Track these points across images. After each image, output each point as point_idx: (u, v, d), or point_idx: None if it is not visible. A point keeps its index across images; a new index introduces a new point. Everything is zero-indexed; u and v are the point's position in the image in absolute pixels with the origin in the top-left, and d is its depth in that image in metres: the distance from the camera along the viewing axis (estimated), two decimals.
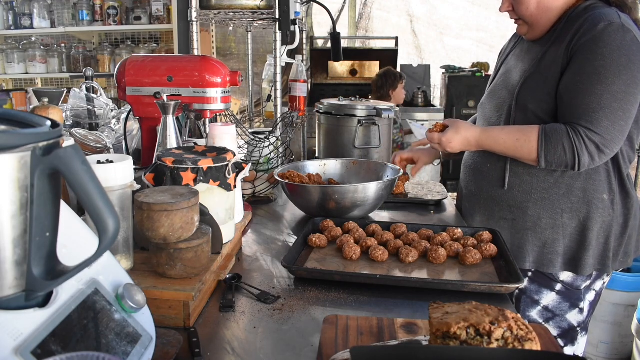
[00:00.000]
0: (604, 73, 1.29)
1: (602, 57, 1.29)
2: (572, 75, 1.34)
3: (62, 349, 0.59)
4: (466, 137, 1.47)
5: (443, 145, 1.49)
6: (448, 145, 1.48)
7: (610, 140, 1.31)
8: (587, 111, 1.31)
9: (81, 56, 4.50)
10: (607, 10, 1.33)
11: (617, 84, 1.28)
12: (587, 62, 1.31)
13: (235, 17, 2.28)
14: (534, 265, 1.49)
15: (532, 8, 1.41)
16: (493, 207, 1.54)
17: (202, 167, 1.01)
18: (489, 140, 1.44)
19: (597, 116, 1.30)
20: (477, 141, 1.46)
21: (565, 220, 1.44)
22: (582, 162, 1.32)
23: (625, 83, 1.28)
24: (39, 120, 0.59)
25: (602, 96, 1.29)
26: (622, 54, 1.28)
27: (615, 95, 1.29)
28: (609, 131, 1.30)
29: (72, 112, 1.89)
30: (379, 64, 4.81)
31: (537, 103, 1.41)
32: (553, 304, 1.50)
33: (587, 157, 1.32)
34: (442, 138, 1.48)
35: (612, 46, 1.28)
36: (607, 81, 1.29)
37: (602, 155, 1.32)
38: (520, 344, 0.66)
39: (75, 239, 0.70)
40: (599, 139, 1.30)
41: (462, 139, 1.47)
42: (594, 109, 1.30)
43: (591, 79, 1.30)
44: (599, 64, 1.29)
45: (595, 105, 1.30)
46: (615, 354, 2.73)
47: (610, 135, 1.30)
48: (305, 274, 1.11)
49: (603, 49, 1.29)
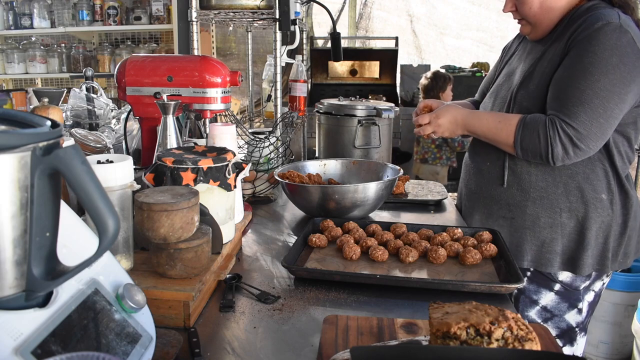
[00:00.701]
0: (590, 69, 1.29)
1: (593, 54, 1.29)
2: (562, 70, 1.35)
3: (62, 349, 0.59)
4: (453, 115, 1.51)
5: (432, 122, 1.53)
6: (436, 122, 1.52)
7: (586, 136, 1.31)
8: (567, 104, 1.32)
9: (81, 56, 4.50)
10: (608, 11, 1.33)
11: (602, 82, 1.28)
12: (577, 58, 1.32)
13: (235, 17, 2.28)
14: (532, 265, 1.49)
15: (535, 8, 1.42)
16: (492, 206, 1.54)
17: (202, 167, 1.01)
18: (473, 119, 1.48)
19: (575, 110, 1.30)
20: (463, 119, 1.49)
21: (564, 220, 1.44)
22: (555, 153, 1.33)
23: (611, 82, 1.28)
24: (39, 120, 0.59)
25: (584, 91, 1.29)
26: (613, 54, 1.28)
27: (597, 93, 1.29)
28: (585, 126, 1.30)
29: (72, 112, 1.89)
30: (379, 64, 4.81)
31: (532, 100, 1.41)
32: (552, 304, 1.50)
33: (560, 149, 1.32)
34: (432, 115, 1.53)
35: (606, 45, 1.28)
36: (592, 78, 1.29)
37: (577, 150, 1.32)
38: (520, 344, 0.66)
39: (75, 239, 0.70)
40: (574, 132, 1.30)
41: (449, 116, 1.51)
42: (574, 103, 1.31)
43: (577, 74, 1.31)
44: (588, 60, 1.30)
45: (576, 99, 1.30)
46: (615, 354, 2.73)
47: (587, 131, 1.30)
48: (305, 274, 1.11)
49: (595, 47, 1.29)
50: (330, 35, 2.21)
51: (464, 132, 1.51)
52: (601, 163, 1.40)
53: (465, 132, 1.51)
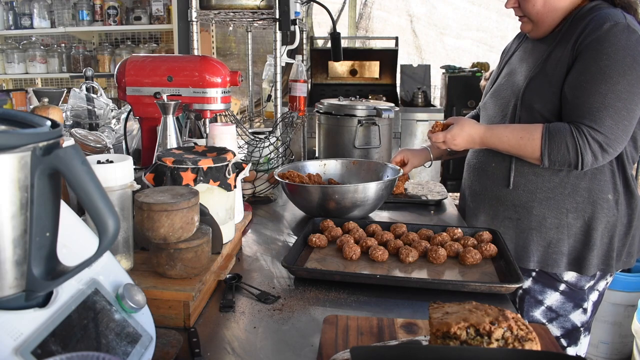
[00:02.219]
0: (608, 72, 1.29)
1: (607, 56, 1.29)
2: (577, 75, 1.34)
3: (62, 349, 0.59)
4: (470, 134, 1.47)
5: (447, 143, 1.49)
6: (452, 142, 1.48)
7: (614, 140, 1.31)
8: (590, 110, 1.31)
9: (81, 56, 4.50)
10: (613, 11, 1.33)
11: (622, 84, 1.28)
12: (592, 62, 1.31)
13: (235, 17, 2.28)
14: (538, 265, 1.49)
15: (539, 6, 1.41)
16: (497, 207, 1.53)
17: (202, 167, 1.01)
18: (492, 137, 1.44)
19: (600, 115, 1.30)
20: (481, 138, 1.46)
21: (570, 220, 1.43)
22: (586, 161, 1.32)
23: (630, 83, 1.28)
24: (39, 120, 0.59)
25: (606, 95, 1.29)
26: (627, 54, 1.28)
27: (619, 95, 1.29)
28: (612, 130, 1.30)
29: (72, 112, 1.89)
30: (379, 64, 4.81)
31: (542, 103, 1.40)
32: (557, 304, 1.50)
33: (591, 156, 1.32)
34: (447, 135, 1.48)
35: (617, 46, 1.28)
36: (612, 80, 1.29)
37: (606, 154, 1.32)
38: (520, 344, 0.66)
39: (75, 239, 0.70)
40: (603, 138, 1.30)
41: (466, 136, 1.47)
42: (597, 108, 1.30)
43: (595, 78, 1.30)
44: (604, 63, 1.29)
45: (599, 104, 1.30)
46: (616, 354, 2.73)
47: (614, 135, 1.30)
48: (305, 274, 1.11)
49: (608, 49, 1.29)
50: (330, 35, 2.21)
51: (483, 147, 1.49)
52: (609, 163, 1.40)
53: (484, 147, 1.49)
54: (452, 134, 1.48)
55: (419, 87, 4.96)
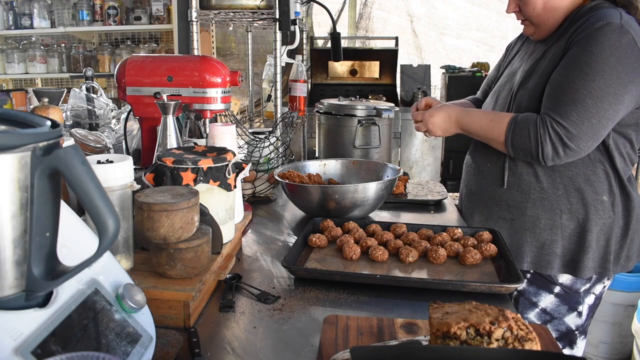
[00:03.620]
0: (585, 69, 1.28)
1: (590, 53, 1.28)
2: (558, 69, 1.35)
3: (62, 349, 0.59)
4: (447, 113, 1.51)
5: (425, 120, 1.54)
6: (429, 120, 1.53)
7: (577, 136, 1.29)
8: (559, 103, 1.31)
9: (81, 56, 4.50)
10: (611, 11, 1.32)
11: (597, 82, 1.27)
12: (573, 58, 1.32)
13: (235, 17, 2.28)
14: (531, 266, 1.48)
15: (539, 8, 1.41)
16: (492, 207, 1.53)
17: (202, 167, 1.01)
18: (466, 117, 1.48)
19: (567, 109, 1.29)
20: (457, 118, 1.49)
21: (564, 222, 1.43)
22: (545, 152, 1.32)
23: (606, 82, 1.27)
24: (39, 120, 0.59)
25: (578, 91, 1.29)
26: (612, 54, 1.27)
27: (591, 92, 1.28)
28: (576, 125, 1.29)
29: (72, 112, 1.89)
30: (379, 64, 4.81)
31: (531, 100, 1.41)
32: (551, 307, 1.49)
33: (550, 148, 1.31)
34: (425, 113, 1.54)
35: (604, 45, 1.27)
36: (587, 77, 1.28)
37: (567, 149, 1.31)
38: (520, 344, 0.66)
39: (75, 239, 0.70)
40: (564, 132, 1.30)
41: (444, 114, 1.51)
42: (566, 102, 1.30)
43: (572, 73, 1.30)
44: (584, 60, 1.29)
45: (569, 98, 1.30)
46: (616, 354, 2.73)
47: (577, 130, 1.29)
48: (305, 274, 1.11)
49: (594, 47, 1.28)
50: (330, 35, 2.21)
51: (458, 130, 1.51)
52: (602, 164, 1.39)
53: (459, 131, 1.51)
54: (431, 111, 1.54)
55: (419, 87, 4.96)
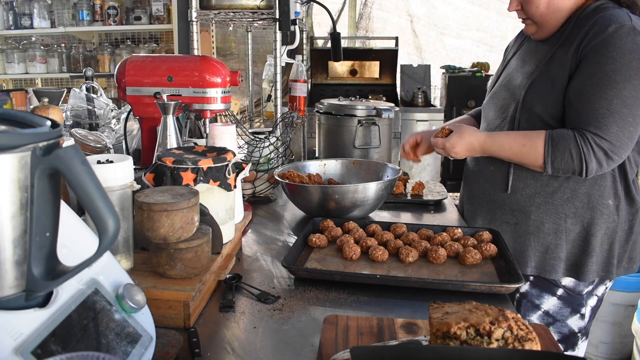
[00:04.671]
0: (614, 77, 1.26)
1: (613, 60, 1.26)
2: (582, 79, 1.31)
3: (62, 349, 0.59)
4: (470, 142, 1.43)
5: (447, 150, 1.46)
6: (452, 150, 1.45)
7: (619, 147, 1.28)
8: (596, 117, 1.28)
9: (81, 56, 4.50)
10: (618, 12, 1.30)
11: (628, 89, 1.25)
12: (597, 66, 1.28)
13: (235, 17, 2.28)
14: (535, 271, 1.47)
15: (542, 8, 1.38)
16: (495, 211, 1.52)
17: (202, 167, 1.01)
18: (494, 145, 1.41)
19: (606, 122, 1.27)
20: (481, 146, 1.43)
21: (569, 226, 1.41)
22: (590, 168, 1.30)
23: (635, 88, 1.26)
24: (39, 120, 0.59)
25: (612, 101, 1.26)
26: (633, 58, 1.25)
27: (625, 101, 1.26)
28: (617, 137, 1.27)
29: (72, 112, 1.89)
30: (379, 64, 4.81)
31: (543, 106, 1.38)
32: (554, 309, 1.48)
33: (595, 164, 1.29)
34: (446, 143, 1.45)
35: (623, 49, 1.25)
36: (618, 86, 1.26)
37: (611, 161, 1.30)
38: (520, 344, 0.66)
39: (75, 239, 0.70)
40: (608, 145, 1.27)
41: (466, 144, 1.44)
42: (603, 115, 1.27)
43: (601, 83, 1.27)
44: (609, 67, 1.26)
45: (605, 110, 1.27)
46: (616, 354, 2.73)
47: (620, 142, 1.27)
48: (305, 274, 1.11)
49: (613, 52, 1.26)
50: (330, 35, 2.21)
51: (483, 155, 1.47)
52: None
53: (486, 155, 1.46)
54: (452, 142, 1.44)
55: (419, 87, 4.96)
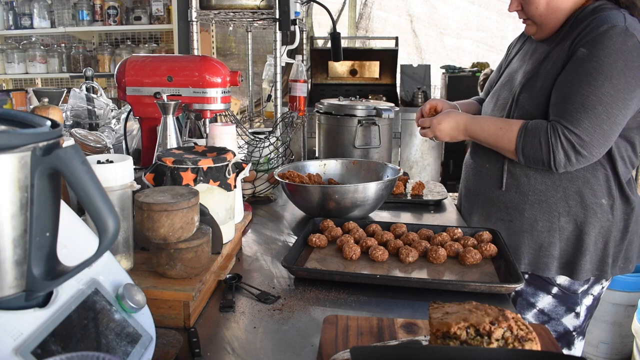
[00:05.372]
0: (594, 75, 1.27)
1: (597, 58, 1.27)
2: (565, 74, 1.33)
3: (62, 349, 0.59)
4: (455, 120, 1.50)
5: (433, 127, 1.52)
6: (437, 127, 1.51)
7: (589, 143, 1.29)
8: (569, 110, 1.30)
9: (81, 56, 4.50)
10: (614, 13, 1.30)
11: (606, 87, 1.26)
12: (580, 63, 1.30)
13: (235, 17, 2.28)
14: (529, 268, 1.48)
15: (542, 8, 1.39)
16: (490, 208, 1.53)
17: (202, 167, 1.01)
18: (475, 125, 1.47)
19: (578, 116, 1.28)
20: (465, 125, 1.48)
21: (562, 224, 1.42)
22: (558, 160, 1.31)
23: (615, 87, 1.26)
24: (39, 120, 0.59)
25: (588, 97, 1.27)
26: (618, 58, 1.26)
27: (601, 98, 1.27)
28: (588, 132, 1.28)
29: (72, 112, 1.89)
30: (379, 64, 4.81)
31: (535, 104, 1.39)
32: (549, 307, 1.49)
33: (563, 156, 1.31)
34: (433, 120, 1.52)
35: (610, 49, 1.26)
36: (597, 83, 1.27)
37: (580, 157, 1.30)
38: (520, 344, 0.66)
39: (75, 239, 0.70)
40: (576, 139, 1.29)
41: (451, 121, 1.50)
42: (576, 109, 1.29)
43: (580, 79, 1.29)
44: (592, 65, 1.28)
45: (579, 105, 1.28)
46: (616, 354, 2.73)
47: (589, 137, 1.28)
48: (305, 274, 1.11)
49: (600, 51, 1.27)
50: (330, 35, 2.21)
51: (466, 137, 1.50)
52: (603, 168, 1.38)
53: (467, 138, 1.50)
54: (438, 119, 1.52)
55: (419, 87, 4.96)
